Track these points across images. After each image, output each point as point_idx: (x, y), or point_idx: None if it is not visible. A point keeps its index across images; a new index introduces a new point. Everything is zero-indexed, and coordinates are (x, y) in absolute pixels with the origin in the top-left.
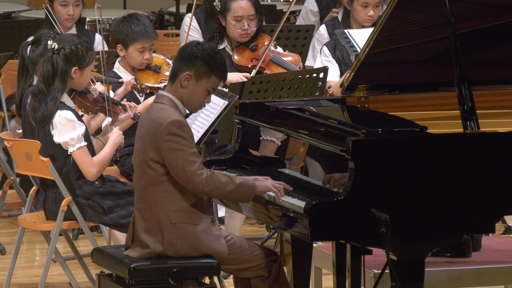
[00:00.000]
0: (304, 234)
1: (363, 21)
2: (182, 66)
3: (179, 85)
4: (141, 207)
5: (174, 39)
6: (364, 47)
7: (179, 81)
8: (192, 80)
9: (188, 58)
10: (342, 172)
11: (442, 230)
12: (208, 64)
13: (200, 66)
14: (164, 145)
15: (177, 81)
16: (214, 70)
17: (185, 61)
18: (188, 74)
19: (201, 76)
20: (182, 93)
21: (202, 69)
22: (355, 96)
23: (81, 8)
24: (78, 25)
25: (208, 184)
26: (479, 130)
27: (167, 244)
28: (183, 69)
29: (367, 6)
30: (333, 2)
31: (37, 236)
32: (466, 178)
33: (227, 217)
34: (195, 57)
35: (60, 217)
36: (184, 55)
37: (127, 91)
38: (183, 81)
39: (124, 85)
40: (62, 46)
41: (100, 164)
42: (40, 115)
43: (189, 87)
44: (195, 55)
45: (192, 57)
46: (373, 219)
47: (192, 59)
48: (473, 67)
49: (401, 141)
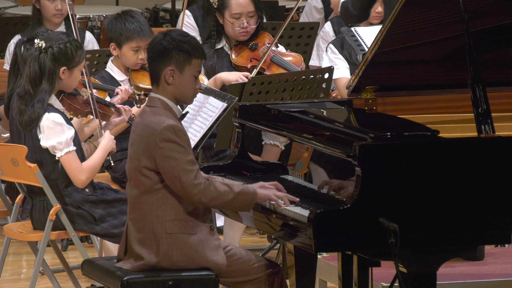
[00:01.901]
0: (308, 244)
1: (371, 19)
2: (159, 64)
3: (165, 83)
4: (135, 217)
5: None
6: (372, 46)
7: (163, 80)
8: (176, 73)
9: (162, 53)
10: (348, 179)
11: (455, 240)
12: (184, 51)
13: (178, 56)
14: (159, 152)
15: (161, 81)
16: (192, 54)
17: (161, 58)
18: (171, 69)
19: (183, 65)
20: (172, 90)
21: (181, 58)
22: (362, 98)
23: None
24: (67, 22)
25: (206, 195)
26: (494, 134)
27: (162, 255)
28: (162, 67)
29: (376, 2)
30: None
31: (23, 247)
32: (481, 185)
33: (226, 227)
34: (168, 50)
35: (48, 227)
36: (157, 52)
37: (123, 100)
38: (168, 77)
39: (120, 94)
40: (50, 44)
41: (90, 170)
42: (26, 118)
43: (176, 82)
44: (168, 47)
45: (166, 51)
46: (381, 229)
47: (167, 53)
48: (488, 67)
49: (411, 146)
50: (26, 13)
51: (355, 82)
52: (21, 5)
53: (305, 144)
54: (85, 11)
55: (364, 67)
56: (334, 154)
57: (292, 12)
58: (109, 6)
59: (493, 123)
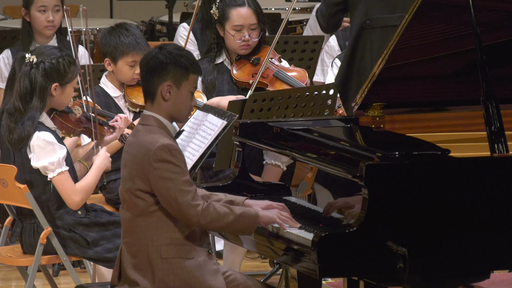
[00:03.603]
0: (312, 269)
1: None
2: (155, 80)
3: (162, 100)
4: (128, 241)
5: None
6: (379, 61)
7: (159, 96)
8: (173, 89)
9: (158, 68)
10: (355, 200)
11: (467, 266)
12: (181, 65)
13: (175, 70)
14: (154, 173)
15: (157, 97)
16: (189, 69)
17: (157, 73)
18: (168, 85)
19: (181, 81)
20: (168, 107)
21: (178, 73)
22: (369, 115)
23: (62, 14)
24: (59, 35)
25: (205, 217)
26: (508, 153)
27: (158, 281)
28: (158, 82)
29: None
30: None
31: (13, 272)
32: (494, 207)
33: (226, 251)
34: (165, 65)
35: (39, 251)
36: (152, 67)
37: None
38: (165, 93)
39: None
40: (42, 59)
41: (84, 191)
42: (16, 136)
43: (173, 98)
44: (165, 62)
45: (163, 65)
46: (389, 253)
47: (163, 67)
48: (501, 83)
49: (420, 165)
50: (15, 26)
51: (361, 98)
52: (11, 17)
53: (309, 163)
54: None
55: (371, 83)
56: (339, 174)
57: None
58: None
59: (507, 141)
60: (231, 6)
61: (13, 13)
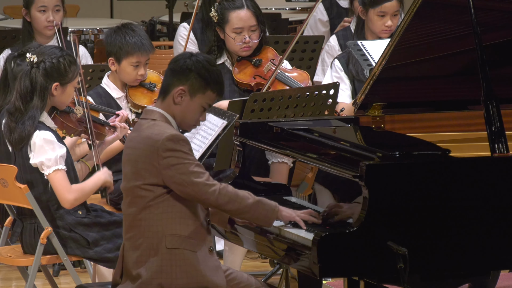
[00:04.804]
0: (312, 269)
1: (380, 32)
2: (174, 81)
3: (172, 101)
4: (132, 235)
5: (167, 51)
6: (380, 61)
7: (171, 97)
8: (186, 96)
9: (181, 71)
10: (355, 200)
11: (468, 265)
12: (203, 78)
13: (195, 80)
14: (163, 163)
15: (169, 97)
16: (210, 84)
17: (178, 75)
18: (182, 89)
19: (196, 91)
20: (175, 110)
21: (197, 84)
22: (370, 115)
23: (62, 14)
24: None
25: (223, 195)
26: (508, 153)
27: (161, 271)
28: (175, 84)
29: (384, 16)
30: (345, 10)
31: (13, 272)
32: (494, 207)
33: (226, 251)
34: (189, 70)
35: (39, 251)
36: (177, 68)
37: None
38: (176, 97)
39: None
40: (42, 59)
41: (79, 191)
42: (16, 136)
43: (182, 104)
44: (189, 68)
45: (186, 70)
46: (389, 253)
47: (186, 73)
48: (502, 83)
49: (421, 165)
50: (16, 26)
51: (362, 98)
52: (11, 17)
53: (309, 163)
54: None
55: (372, 83)
56: (339, 174)
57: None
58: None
59: (507, 141)
60: (230, 9)
61: (13, 13)
